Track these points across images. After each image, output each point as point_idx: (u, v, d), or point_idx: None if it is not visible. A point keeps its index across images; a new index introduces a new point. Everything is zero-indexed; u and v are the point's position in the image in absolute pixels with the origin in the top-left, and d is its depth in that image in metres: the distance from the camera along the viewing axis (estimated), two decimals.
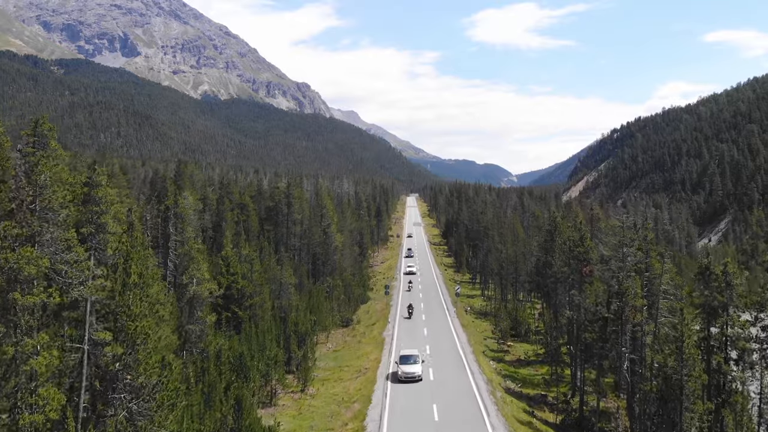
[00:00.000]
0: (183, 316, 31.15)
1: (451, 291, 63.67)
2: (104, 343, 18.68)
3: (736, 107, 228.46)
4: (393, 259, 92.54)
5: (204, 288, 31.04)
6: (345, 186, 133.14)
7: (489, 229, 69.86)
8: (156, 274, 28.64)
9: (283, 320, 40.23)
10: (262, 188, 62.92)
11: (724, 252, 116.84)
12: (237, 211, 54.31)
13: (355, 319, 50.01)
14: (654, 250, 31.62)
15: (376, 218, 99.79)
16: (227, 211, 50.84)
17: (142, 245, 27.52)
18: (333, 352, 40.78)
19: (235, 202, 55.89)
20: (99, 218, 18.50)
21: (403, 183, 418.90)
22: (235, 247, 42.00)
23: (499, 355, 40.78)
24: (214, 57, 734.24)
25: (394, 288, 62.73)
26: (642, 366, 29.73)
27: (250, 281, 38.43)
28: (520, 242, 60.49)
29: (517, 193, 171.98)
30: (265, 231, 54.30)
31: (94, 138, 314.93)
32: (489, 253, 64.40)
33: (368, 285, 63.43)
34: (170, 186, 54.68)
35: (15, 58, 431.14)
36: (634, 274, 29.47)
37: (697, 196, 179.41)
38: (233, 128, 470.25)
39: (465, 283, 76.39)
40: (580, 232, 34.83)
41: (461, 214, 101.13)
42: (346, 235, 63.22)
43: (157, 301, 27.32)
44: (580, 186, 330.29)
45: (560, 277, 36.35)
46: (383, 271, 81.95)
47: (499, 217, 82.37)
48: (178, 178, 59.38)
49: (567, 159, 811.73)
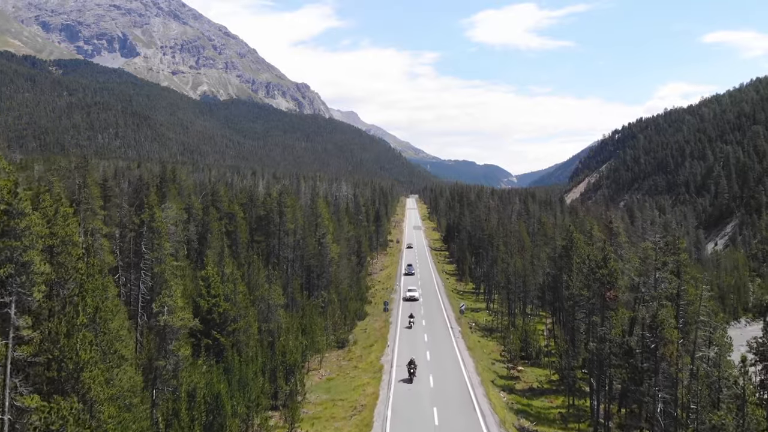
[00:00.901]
0: (153, 348, 27.42)
1: (454, 304, 59.90)
2: (30, 410, 14.98)
3: (740, 108, 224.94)
4: (392, 267, 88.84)
5: (176, 318, 27.27)
6: (344, 189, 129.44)
7: (494, 238, 66.11)
8: (117, 305, 24.85)
9: (271, 345, 36.48)
10: (254, 195, 59.13)
11: (735, 258, 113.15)
12: (225, 221, 50.53)
13: (351, 339, 46.25)
14: (687, 273, 27.87)
15: (375, 223, 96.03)
16: (213, 222, 47.05)
17: (100, 273, 23.76)
18: (326, 381, 37.03)
19: (223, 211, 52.08)
20: (21, 256, 14.74)
21: (402, 184, 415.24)
22: (219, 263, 38.19)
23: (509, 383, 37.05)
24: (214, 57, 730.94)
25: (393, 302, 58.94)
26: (675, 406, 26.01)
27: (234, 303, 34.67)
28: (527, 251, 56.64)
29: (519, 196, 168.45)
30: (255, 243, 50.52)
31: (91, 139, 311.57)
32: (494, 263, 60.60)
33: (366, 297, 59.64)
34: (152, 195, 50.93)
35: (13, 58, 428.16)
36: (667, 301, 25.74)
37: (702, 198, 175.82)
38: (232, 129, 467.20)
39: (468, 293, 72.68)
40: (603, 252, 31.08)
41: (463, 219, 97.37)
42: (343, 245, 59.27)
43: (117, 338, 23.64)
44: (582, 187, 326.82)
45: (579, 301, 32.72)
46: (382, 279, 78.23)
47: (503, 224, 78.61)
48: (163, 185, 55.64)
49: (567, 159, 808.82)
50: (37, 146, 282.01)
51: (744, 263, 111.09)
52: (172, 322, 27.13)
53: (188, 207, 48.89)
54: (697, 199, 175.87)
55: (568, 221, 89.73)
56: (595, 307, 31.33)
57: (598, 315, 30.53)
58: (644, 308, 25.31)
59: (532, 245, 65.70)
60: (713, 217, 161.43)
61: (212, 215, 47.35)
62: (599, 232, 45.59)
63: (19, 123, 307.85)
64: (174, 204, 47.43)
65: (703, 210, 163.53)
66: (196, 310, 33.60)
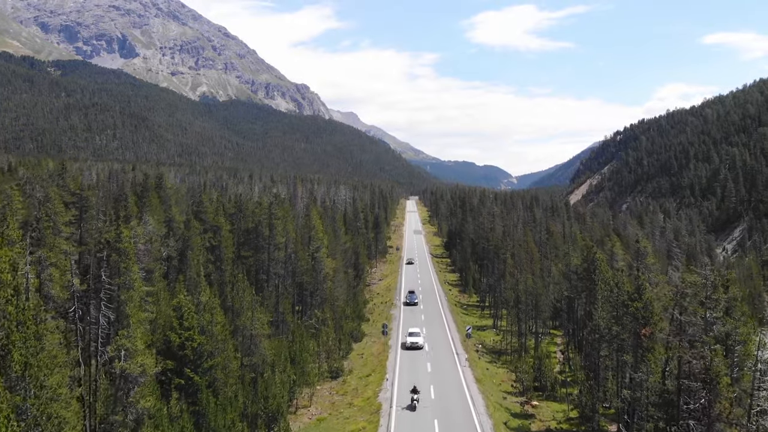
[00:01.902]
0: (109, 401, 23.22)
1: (458, 322, 55.49)
2: None
3: (744, 110, 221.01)
4: (392, 276, 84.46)
5: (135, 364, 23.09)
6: (342, 193, 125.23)
7: (500, 249, 61.71)
8: (56, 356, 20.59)
9: (254, 383, 32.25)
10: (243, 205, 54.67)
11: (748, 266, 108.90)
12: (210, 235, 46.22)
13: (346, 367, 41.94)
14: (738, 308, 23.66)
15: (374, 230, 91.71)
16: (195, 236, 42.67)
17: (33, 321, 19.51)
18: (317, 422, 32.76)
19: (208, 223, 47.69)
20: None
21: (402, 185, 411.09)
22: (195, 288, 33.93)
23: (524, 423, 32.79)
24: (213, 58, 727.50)
25: (392, 319, 54.48)
26: None
27: (211, 336, 30.47)
28: (536, 264, 52.11)
29: (522, 200, 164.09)
30: (242, 258, 46.24)
31: (89, 140, 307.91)
32: (502, 278, 56.13)
33: (364, 314, 55.23)
34: (132, 207, 46.75)
35: (11, 59, 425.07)
36: (718, 345, 21.53)
37: (708, 201, 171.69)
38: (231, 130, 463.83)
39: (472, 307, 68.40)
40: (637, 281, 26.87)
41: (465, 225, 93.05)
42: (340, 258, 54.82)
43: (55, 397, 19.45)
44: (583, 189, 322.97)
45: (605, 335, 28.50)
46: (381, 291, 73.93)
47: (509, 232, 74.26)
48: (145, 194, 51.38)
49: (567, 160, 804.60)
50: (34, 148, 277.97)
51: (758, 272, 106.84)
52: (130, 369, 22.92)
53: (169, 220, 44.60)
54: (703, 202, 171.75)
55: (576, 228, 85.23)
56: (627, 345, 27.20)
57: (630, 354, 26.35)
58: (693, 353, 21.11)
59: (541, 257, 61.30)
60: (720, 221, 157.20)
61: (194, 229, 42.92)
62: (620, 250, 41.38)
63: (16, 124, 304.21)
64: (153, 217, 43.26)
65: (710, 214, 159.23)
66: (167, 345, 29.42)
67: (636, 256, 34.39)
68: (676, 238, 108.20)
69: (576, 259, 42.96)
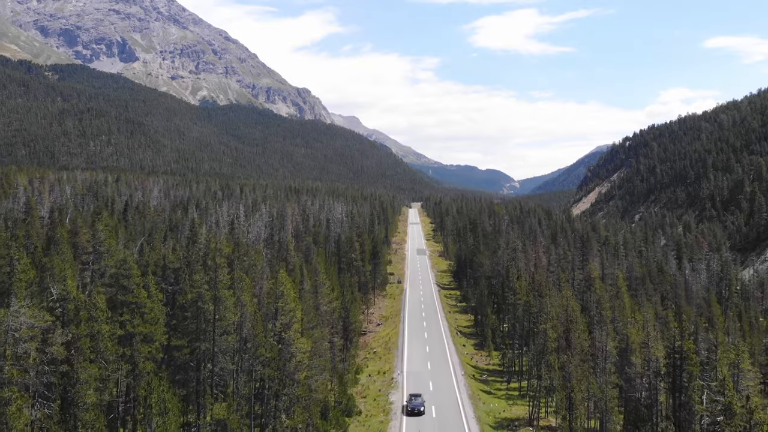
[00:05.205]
0: None
1: (478, 409, 41.93)
2: None
3: (764, 116, 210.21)
4: (393, 319, 72.20)
5: None
6: (338, 210, 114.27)
7: (531, 307, 49.04)
8: None
9: None
10: (192, 258, 41.16)
11: None
12: (127, 316, 31.95)
13: None
14: None
15: (372, 261, 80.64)
16: (100, 323, 28.98)
17: None
18: None
19: (130, 290, 33.77)
20: None
21: (404, 191, 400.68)
22: None
23: None
24: (214, 62, 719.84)
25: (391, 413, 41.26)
26: None
27: None
28: (580, 332, 38.82)
29: (534, 213, 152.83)
30: (173, 351, 33.65)
31: (83, 146, 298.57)
32: (543, 354, 41.36)
33: (353, 407, 41.07)
34: (28, 271, 35.18)
35: (8, 63, 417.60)
36: None
37: (731, 215, 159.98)
38: (230, 135, 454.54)
39: (494, 374, 54.23)
40: None
41: (477, 255, 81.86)
42: (323, 325, 41.89)
43: None
44: (592, 197, 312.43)
45: None
46: (379, 347, 61.01)
47: (531, 272, 61.43)
48: (53, 246, 37.99)
49: (571, 164, 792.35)
50: (26, 154, 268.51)
51: None
52: None
53: (63, 297, 29.65)
54: (726, 215, 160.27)
55: (619, 270, 69.26)
56: None
57: None
58: None
59: (585, 317, 46.60)
60: (749, 238, 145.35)
61: (100, 310, 28.30)
62: (687, 318, 30.13)
63: (9, 130, 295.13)
64: (29, 305, 26.88)
65: (738, 230, 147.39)
66: None
67: (708, 320, 23.64)
68: (709, 265, 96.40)
69: (660, 353, 29.98)
